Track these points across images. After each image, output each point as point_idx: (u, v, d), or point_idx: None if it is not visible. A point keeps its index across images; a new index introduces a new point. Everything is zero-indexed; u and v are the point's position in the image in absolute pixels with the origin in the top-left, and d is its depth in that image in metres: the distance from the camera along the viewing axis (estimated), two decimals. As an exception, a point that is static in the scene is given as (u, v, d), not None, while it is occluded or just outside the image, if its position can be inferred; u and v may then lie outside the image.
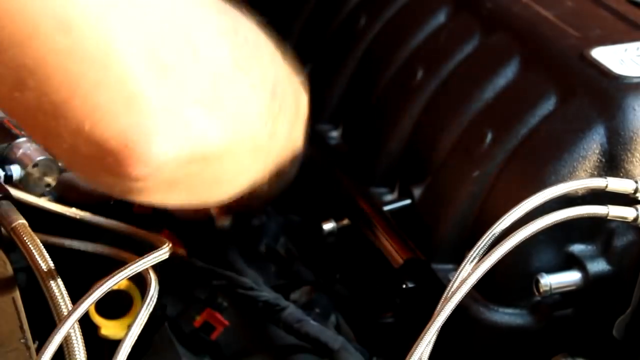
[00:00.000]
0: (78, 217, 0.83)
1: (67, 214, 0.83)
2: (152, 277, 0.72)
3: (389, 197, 0.96)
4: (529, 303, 0.81)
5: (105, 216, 0.87)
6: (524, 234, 0.71)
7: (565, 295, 0.80)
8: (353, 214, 0.93)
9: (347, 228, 0.93)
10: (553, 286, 0.78)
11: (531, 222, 0.71)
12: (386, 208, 0.91)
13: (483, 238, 0.71)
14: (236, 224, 1.02)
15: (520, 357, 0.83)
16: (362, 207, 0.91)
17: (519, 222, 0.72)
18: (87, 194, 0.97)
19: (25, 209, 0.73)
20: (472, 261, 0.71)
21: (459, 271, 0.70)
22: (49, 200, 0.83)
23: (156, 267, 0.74)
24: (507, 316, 0.81)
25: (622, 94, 0.80)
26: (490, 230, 0.71)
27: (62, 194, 0.95)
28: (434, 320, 0.68)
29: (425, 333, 0.67)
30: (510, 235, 0.71)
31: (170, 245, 0.76)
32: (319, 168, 1.02)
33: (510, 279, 0.81)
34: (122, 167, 0.61)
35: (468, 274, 0.69)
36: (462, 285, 0.69)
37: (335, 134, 1.07)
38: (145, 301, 0.70)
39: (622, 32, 0.90)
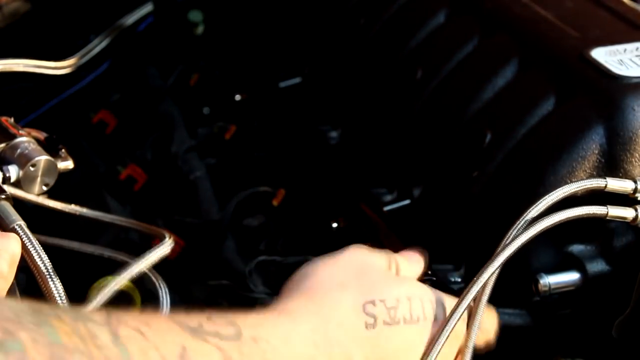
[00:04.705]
0: (78, 213, 0.83)
1: (67, 210, 0.83)
2: (161, 284, 0.73)
3: (388, 197, 0.96)
4: (529, 303, 0.81)
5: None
6: (526, 237, 0.71)
7: (565, 296, 0.80)
8: (353, 214, 0.92)
9: (347, 228, 0.93)
10: (552, 286, 0.78)
11: (532, 225, 0.71)
12: (386, 208, 0.91)
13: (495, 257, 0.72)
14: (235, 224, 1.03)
15: (520, 357, 0.83)
16: (362, 207, 0.91)
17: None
18: None
19: (25, 209, 0.73)
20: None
21: (472, 284, 0.72)
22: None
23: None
24: (506, 316, 0.81)
25: (621, 94, 0.80)
26: (500, 247, 0.72)
27: None
28: (444, 326, 0.70)
29: (439, 337, 0.70)
30: (512, 238, 0.71)
31: (172, 237, 0.76)
32: (319, 168, 1.02)
33: (509, 280, 0.81)
34: None
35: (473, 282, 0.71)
36: (469, 292, 0.71)
37: (335, 134, 1.07)
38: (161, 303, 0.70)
39: (622, 32, 0.90)
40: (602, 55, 0.85)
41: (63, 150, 0.76)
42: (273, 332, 0.67)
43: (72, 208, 0.83)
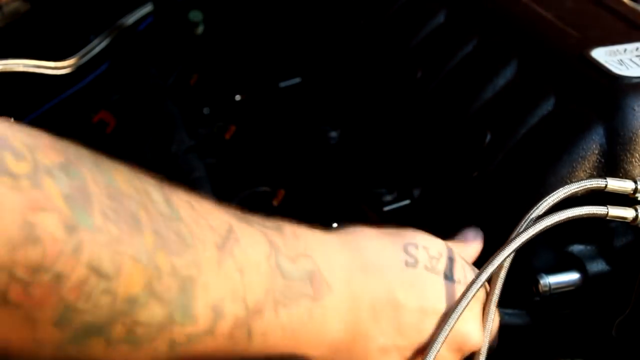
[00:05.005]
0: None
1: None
2: None
3: (388, 197, 0.96)
4: (529, 303, 0.81)
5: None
6: (525, 236, 0.71)
7: (565, 296, 0.80)
8: (353, 215, 0.93)
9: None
10: (552, 286, 0.78)
11: (532, 225, 0.71)
12: (386, 208, 0.91)
13: (494, 257, 0.71)
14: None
15: (519, 357, 0.83)
16: (362, 207, 0.91)
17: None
18: None
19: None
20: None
21: (470, 283, 0.71)
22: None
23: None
24: (506, 316, 0.81)
25: (621, 94, 0.80)
26: (496, 254, 0.72)
27: None
28: (443, 327, 0.69)
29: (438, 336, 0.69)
30: (512, 238, 0.71)
31: None
32: (319, 168, 1.02)
33: (509, 280, 0.81)
34: None
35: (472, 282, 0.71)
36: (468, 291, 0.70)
37: (335, 134, 1.07)
38: None
39: (622, 32, 0.90)
40: (602, 55, 0.85)
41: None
42: (310, 237, 0.67)
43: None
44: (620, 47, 0.86)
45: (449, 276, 0.71)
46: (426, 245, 0.71)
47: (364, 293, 0.67)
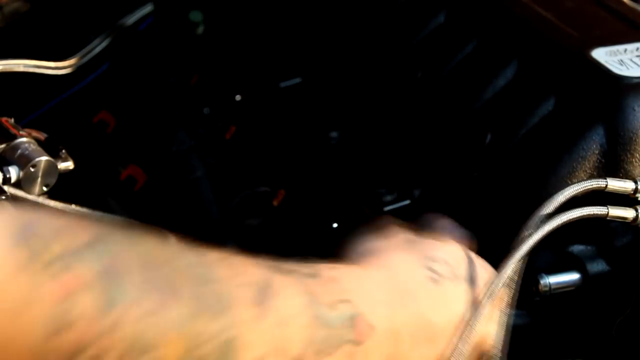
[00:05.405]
0: (78, 214, 0.83)
1: (67, 211, 0.83)
2: None
3: (389, 197, 0.96)
4: (529, 303, 0.81)
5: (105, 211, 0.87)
6: (532, 241, 0.71)
7: (565, 296, 0.80)
8: (353, 215, 0.93)
9: (347, 228, 0.93)
10: (552, 286, 0.78)
11: (535, 230, 0.71)
12: (386, 208, 0.91)
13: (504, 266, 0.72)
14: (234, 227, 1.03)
15: (520, 357, 0.83)
16: (362, 207, 0.91)
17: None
18: None
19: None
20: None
21: (484, 293, 0.71)
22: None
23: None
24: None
25: (621, 95, 0.80)
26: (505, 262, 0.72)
27: None
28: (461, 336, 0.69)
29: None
30: (518, 244, 0.72)
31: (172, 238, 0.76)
32: (319, 168, 1.02)
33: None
34: None
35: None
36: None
37: (335, 134, 1.07)
38: None
39: (622, 32, 0.90)
40: (602, 55, 0.85)
41: (63, 150, 0.76)
42: (348, 276, 0.66)
43: (73, 208, 0.83)
44: (620, 47, 0.86)
45: (468, 279, 0.72)
46: (444, 256, 0.72)
47: (404, 326, 0.67)
